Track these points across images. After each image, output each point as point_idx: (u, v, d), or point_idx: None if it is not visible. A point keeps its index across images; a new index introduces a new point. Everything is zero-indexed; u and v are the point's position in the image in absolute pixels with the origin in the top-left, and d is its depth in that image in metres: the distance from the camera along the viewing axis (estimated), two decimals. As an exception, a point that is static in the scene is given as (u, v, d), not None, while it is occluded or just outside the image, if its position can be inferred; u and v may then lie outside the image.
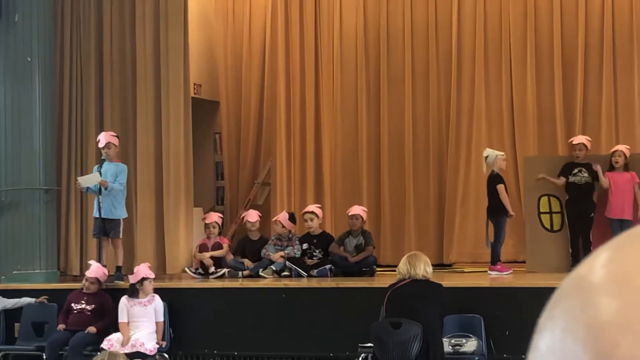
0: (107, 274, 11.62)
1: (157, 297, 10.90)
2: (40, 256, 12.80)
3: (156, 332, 10.81)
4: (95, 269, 11.36)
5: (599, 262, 0.67)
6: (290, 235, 12.78)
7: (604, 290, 0.64)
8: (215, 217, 13.31)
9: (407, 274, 9.32)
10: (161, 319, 10.87)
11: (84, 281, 11.38)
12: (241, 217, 13.89)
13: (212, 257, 12.85)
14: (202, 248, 13.09)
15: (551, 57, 14.83)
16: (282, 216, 12.96)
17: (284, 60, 15.39)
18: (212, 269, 12.71)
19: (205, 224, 13.30)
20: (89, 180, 12.12)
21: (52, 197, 13.06)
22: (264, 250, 12.68)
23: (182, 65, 13.84)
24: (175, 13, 13.86)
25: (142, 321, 10.73)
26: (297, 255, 12.52)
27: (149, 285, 10.87)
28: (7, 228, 12.86)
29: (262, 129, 16.37)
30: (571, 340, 0.64)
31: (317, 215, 12.82)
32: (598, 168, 12.23)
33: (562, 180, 12.33)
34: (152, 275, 11.02)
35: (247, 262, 12.61)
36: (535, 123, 14.82)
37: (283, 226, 12.78)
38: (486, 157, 12.38)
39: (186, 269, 12.96)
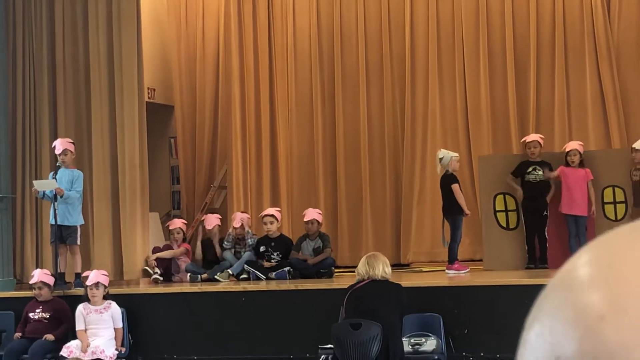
0: (51, 274, 11.49)
1: (113, 303, 10.85)
2: (-4, 264, 12.69)
3: (115, 338, 10.76)
4: (37, 275, 11.29)
5: (581, 260, 0.70)
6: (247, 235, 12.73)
7: (588, 277, 0.68)
8: (179, 223, 13.29)
9: (365, 275, 9.35)
10: (120, 325, 10.82)
11: (33, 291, 11.29)
12: (198, 221, 13.86)
13: (160, 259, 12.82)
14: (155, 250, 13.11)
15: (504, 57, 14.95)
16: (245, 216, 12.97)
17: (238, 63, 15.38)
18: (156, 270, 12.64)
19: (169, 230, 13.30)
20: (44, 185, 12.05)
21: (6, 205, 12.95)
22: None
23: (136, 69, 13.78)
24: (128, 17, 13.80)
25: (100, 328, 10.68)
26: (251, 244, 12.53)
27: (94, 292, 10.78)
28: (-38, 236, 12.73)
29: (217, 132, 16.35)
30: (560, 322, 0.67)
31: (276, 219, 12.81)
32: (549, 175, 12.40)
33: (519, 191, 12.52)
34: (91, 282, 10.88)
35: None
36: (489, 122, 14.93)
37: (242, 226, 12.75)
38: (441, 158, 12.42)
39: (149, 271, 12.85)
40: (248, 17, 15.50)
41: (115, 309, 10.79)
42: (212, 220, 13.16)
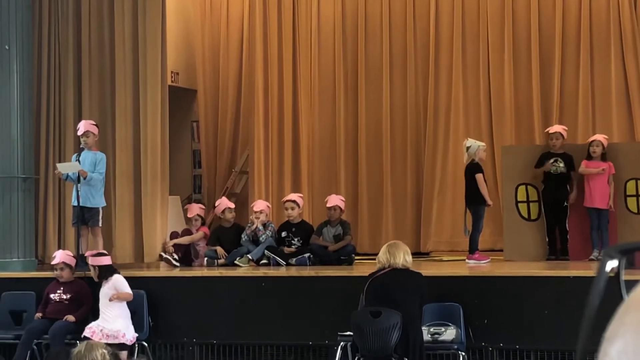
0: (73, 256, 11.53)
1: (115, 275, 10.79)
2: (18, 245, 12.75)
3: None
4: (59, 256, 11.32)
5: None
6: (267, 224, 12.71)
7: None
8: (196, 209, 13.23)
9: (386, 263, 9.35)
10: (127, 291, 10.73)
11: (55, 272, 11.34)
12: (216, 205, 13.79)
13: (178, 245, 12.83)
14: (173, 235, 13.12)
15: (528, 47, 14.89)
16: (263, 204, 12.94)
17: (261, 49, 15.38)
18: (174, 256, 12.65)
19: (187, 217, 13.31)
20: (67, 167, 12.11)
21: (30, 186, 13.01)
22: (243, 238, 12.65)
23: (160, 53, 13.79)
24: (153, 1, 13.81)
25: (104, 304, 10.62)
26: (270, 235, 12.51)
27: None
28: (-15, 217, 12.80)
29: (239, 117, 16.37)
30: None
31: (298, 205, 12.78)
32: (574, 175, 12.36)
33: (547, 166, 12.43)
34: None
35: (219, 250, 12.58)
36: (512, 112, 14.89)
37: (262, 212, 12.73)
38: (468, 147, 12.37)
39: (167, 256, 12.86)
40: (273, 3, 15.50)
41: (117, 280, 10.73)
42: (223, 204, 13.15)
